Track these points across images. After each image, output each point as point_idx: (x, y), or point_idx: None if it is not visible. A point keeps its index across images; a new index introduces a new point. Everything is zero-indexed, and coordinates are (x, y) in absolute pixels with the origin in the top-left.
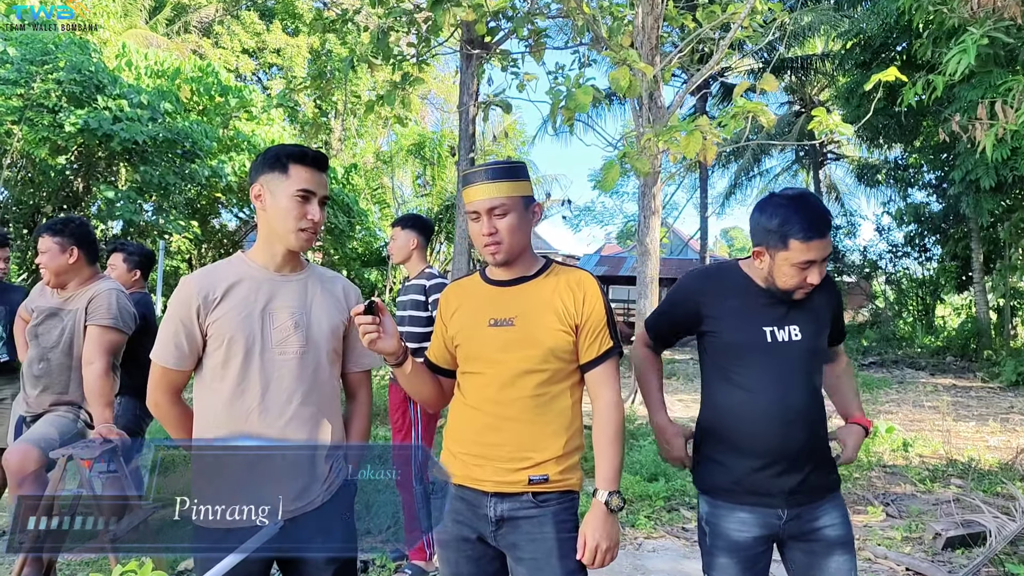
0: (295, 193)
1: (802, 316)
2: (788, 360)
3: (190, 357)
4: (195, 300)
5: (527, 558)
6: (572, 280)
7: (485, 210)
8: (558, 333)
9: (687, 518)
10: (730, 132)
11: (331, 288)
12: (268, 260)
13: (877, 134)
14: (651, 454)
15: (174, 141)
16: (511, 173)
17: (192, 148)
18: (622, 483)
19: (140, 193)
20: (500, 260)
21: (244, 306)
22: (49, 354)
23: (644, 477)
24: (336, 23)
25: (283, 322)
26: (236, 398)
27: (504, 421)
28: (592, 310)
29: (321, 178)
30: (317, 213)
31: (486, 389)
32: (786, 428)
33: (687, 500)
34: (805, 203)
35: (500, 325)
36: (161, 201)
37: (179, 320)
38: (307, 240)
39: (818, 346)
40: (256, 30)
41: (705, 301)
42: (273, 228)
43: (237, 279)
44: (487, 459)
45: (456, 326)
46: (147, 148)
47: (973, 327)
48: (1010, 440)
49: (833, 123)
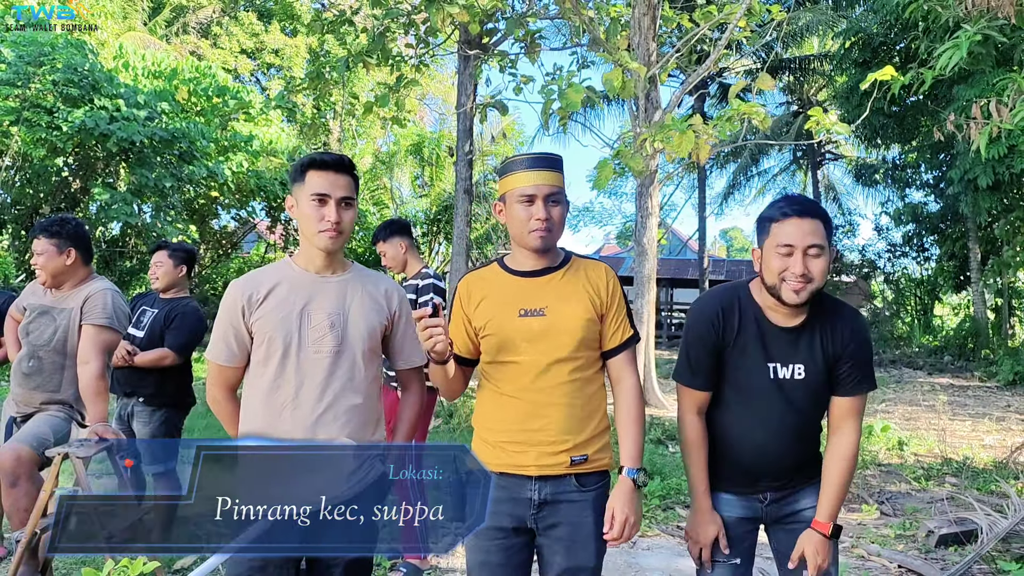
0: (310, 197)
1: (810, 355)
2: (783, 398)
3: (240, 355)
4: (240, 301)
5: (565, 539)
6: (596, 271)
7: (543, 195)
8: (588, 322)
9: (682, 516)
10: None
11: (373, 290)
12: (308, 263)
13: (875, 134)
14: (646, 453)
15: (171, 142)
16: (561, 165)
17: (189, 149)
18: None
19: (137, 194)
20: (545, 245)
21: (283, 306)
22: (40, 352)
23: None
24: (334, 24)
25: (319, 322)
26: (272, 393)
27: (544, 407)
28: (615, 299)
29: (337, 179)
30: (333, 213)
31: (523, 377)
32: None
33: (682, 499)
34: (791, 195)
35: (531, 315)
36: (159, 203)
37: (228, 321)
38: (331, 239)
39: (823, 385)
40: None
41: (726, 331)
42: (304, 233)
43: (279, 281)
44: (530, 444)
45: (483, 317)
46: (144, 149)
47: (971, 326)
48: (1005, 439)
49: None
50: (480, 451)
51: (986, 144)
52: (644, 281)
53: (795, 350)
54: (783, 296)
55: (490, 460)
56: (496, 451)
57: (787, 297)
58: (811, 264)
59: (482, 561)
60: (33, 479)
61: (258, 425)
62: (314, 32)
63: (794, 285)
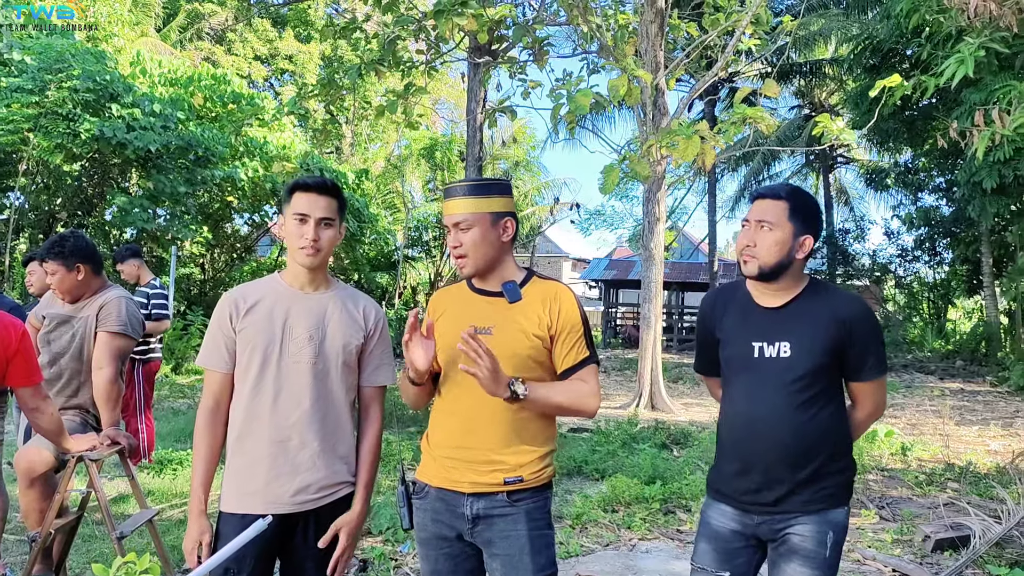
0: (293, 216)
1: (797, 334)
2: (767, 376)
3: (229, 361)
4: (228, 310)
5: (501, 554)
6: (548, 292)
7: (452, 224)
8: (532, 342)
9: (682, 520)
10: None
11: (352, 307)
12: (293, 279)
13: (886, 138)
14: (649, 457)
15: (186, 148)
16: (479, 190)
17: (204, 155)
18: (621, 486)
19: (153, 200)
20: (466, 272)
21: (268, 318)
22: (60, 359)
23: (642, 480)
24: (346, 30)
25: (300, 335)
26: (253, 397)
27: (479, 426)
28: (567, 321)
29: (318, 200)
30: (311, 232)
31: (463, 395)
32: (753, 442)
33: (683, 503)
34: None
35: (479, 333)
36: (173, 208)
37: (219, 328)
38: (308, 256)
39: (812, 365)
40: (269, 37)
41: (714, 320)
42: (288, 250)
43: (265, 294)
44: (463, 462)
45: (439, 332)
46: (160, 155)
47: (984, 331)
48: (1011, 444)
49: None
50: (425, 464)
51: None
52: (651, 286)
53: (780, 329)
54: (742, 270)
55: (432, 474)
56: (436, 465)
57: (742, 270)
58: (757, 236)
59: (431, 570)
60: (49, 481)
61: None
62: (326, 38)
63: (743, 257)
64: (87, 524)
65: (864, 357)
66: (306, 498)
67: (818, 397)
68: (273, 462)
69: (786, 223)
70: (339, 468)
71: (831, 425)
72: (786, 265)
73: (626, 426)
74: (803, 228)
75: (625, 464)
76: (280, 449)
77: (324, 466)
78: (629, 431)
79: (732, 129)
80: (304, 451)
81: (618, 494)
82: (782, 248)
